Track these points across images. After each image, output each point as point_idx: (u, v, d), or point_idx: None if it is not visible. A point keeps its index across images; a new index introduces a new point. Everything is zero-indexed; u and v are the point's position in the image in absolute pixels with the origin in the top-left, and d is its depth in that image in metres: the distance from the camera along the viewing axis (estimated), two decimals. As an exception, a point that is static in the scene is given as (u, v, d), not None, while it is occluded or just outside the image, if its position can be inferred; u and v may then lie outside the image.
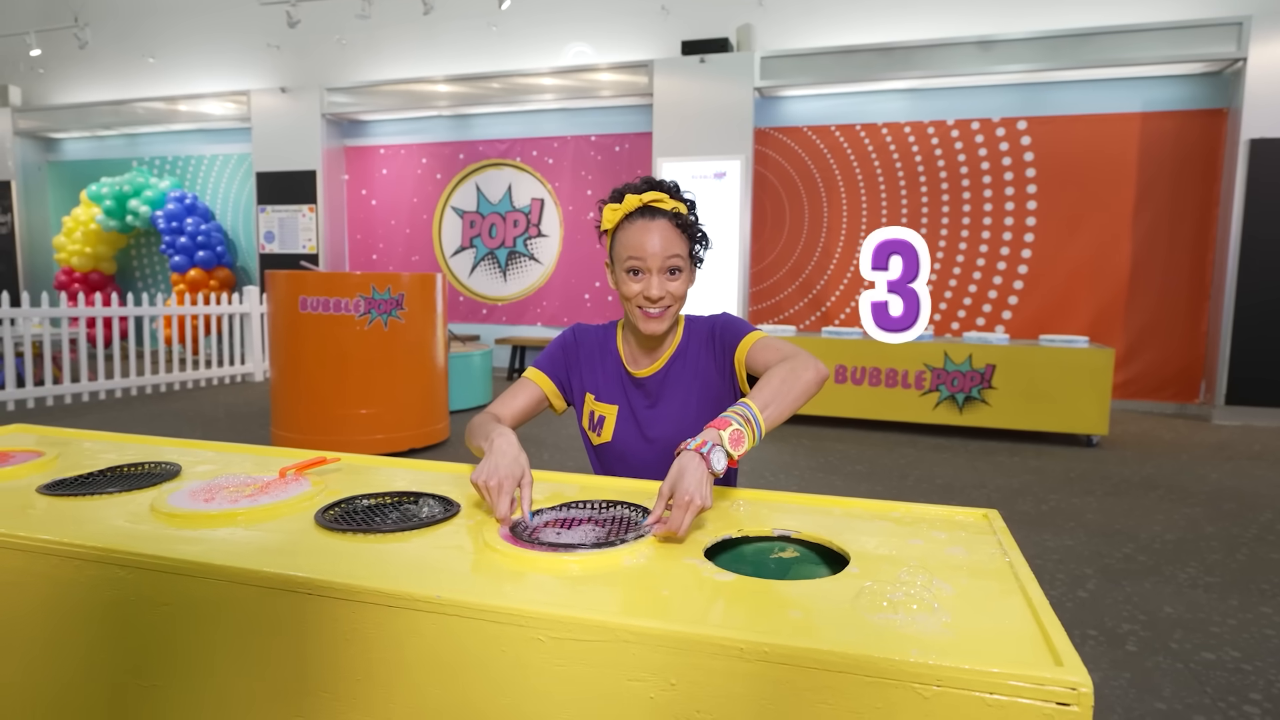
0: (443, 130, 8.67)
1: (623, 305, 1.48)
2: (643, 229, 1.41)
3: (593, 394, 1.54)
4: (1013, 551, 1.02)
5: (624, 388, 1.53)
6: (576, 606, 0.83)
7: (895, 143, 7.06)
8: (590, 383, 1.55)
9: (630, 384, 1.53)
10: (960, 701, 0.69)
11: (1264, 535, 3.35)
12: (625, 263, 1.42)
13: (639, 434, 1.50)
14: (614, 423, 1.52)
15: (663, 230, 1.40)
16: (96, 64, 9.68)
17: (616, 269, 1.46)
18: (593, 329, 1.59)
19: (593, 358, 1.56)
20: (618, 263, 1.45)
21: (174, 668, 0.97)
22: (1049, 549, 3.16)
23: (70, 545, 1.00)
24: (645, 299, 1.41)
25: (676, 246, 1.41)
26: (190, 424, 5.58)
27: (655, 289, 1.40)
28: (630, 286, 1.42)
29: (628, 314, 1.48)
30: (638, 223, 1.42)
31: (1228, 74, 6.23)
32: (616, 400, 1.53)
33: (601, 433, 1.52)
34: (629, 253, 1.41)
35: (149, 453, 1.56)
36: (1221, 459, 4.82)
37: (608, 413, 1.52)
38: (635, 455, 1.50)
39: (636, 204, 1.42)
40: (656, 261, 1.40)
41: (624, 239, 1.43)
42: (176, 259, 8.96)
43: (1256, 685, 2.09)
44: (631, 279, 1.42)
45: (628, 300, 1.44)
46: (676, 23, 7.48)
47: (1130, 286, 6.57)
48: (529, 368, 1.57)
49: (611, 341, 1.56)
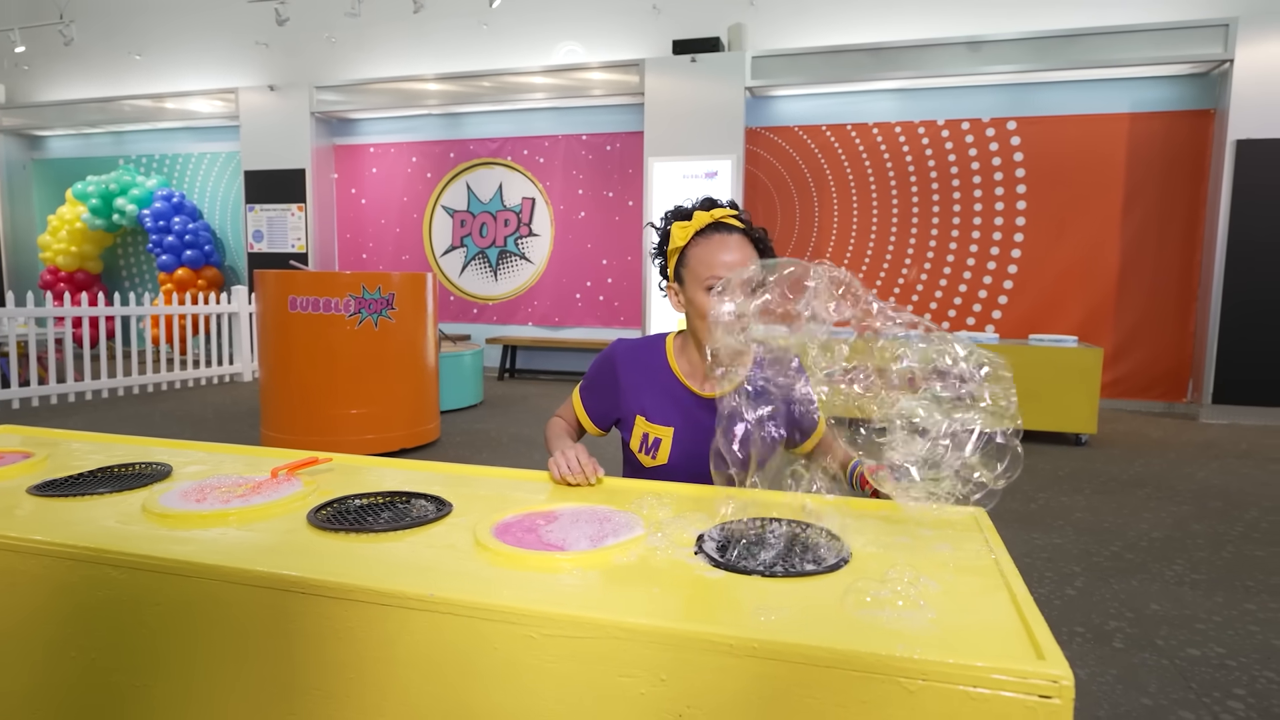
0: (433, 129, 8.65)
1: (694, 326, 1.43)
2: (721, 244, 1.38)
3: (643, 416, 1.48)
4: (998, 549, 1.04)
5: (683, 408, 1.47)
6: (568, 604, 0.84)
7: (886, 142, 7.10)
8: (639, 404, 1.48)
9: (694, 404, 1.46)
10: (945, 695, 0.70)
11: (1249, 533, 3.39)
12: (705, 280, 1.37)
13: (698, 456, 1.40)
14: (669, 446, 1.45)
15: (739, 245, 1.39)
16: (82, 61, 9.61)
17: (689, 287, 1.41)
18: (637, 345, 1.53)
19: (640, 377, 1.49)
20: (692, 281, 1.40)
21: (167, 667, 0.97)
22: (1038, 547, 3.19)
23: (62, 546, 1.00)
24: None
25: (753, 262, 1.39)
26: (178, 424, 5.55)
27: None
28: (712, 304, 1.35)
29: (702, 334, 1.41)
30: (714, 238, 1.39)
31: (1214, 75, 6.29)
32: (672, 421, 1.46)
33: (656, 455, 1.46)
34: (709, 270, 1.37)
35: (139, 453, 1.56)
36: (1208, 457, 4.87)
37: (663, 435, 1.46)
38: (692, 478, 1.41)
39: (708, 219, 1.40)
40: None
41: (700, 255, 1.39)
42: (164, 258, 8.90)
43: (1240, 681, 2.11)
44: (713, 297, 1.36)
45: (704, 320, 1.37)
46: (667, 22, 7.49)
47: (1119, 286, 6.62)
48: (575, 393, 1.55)
49: (661, 358, 1.50)
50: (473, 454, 4.76)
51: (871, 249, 7.21)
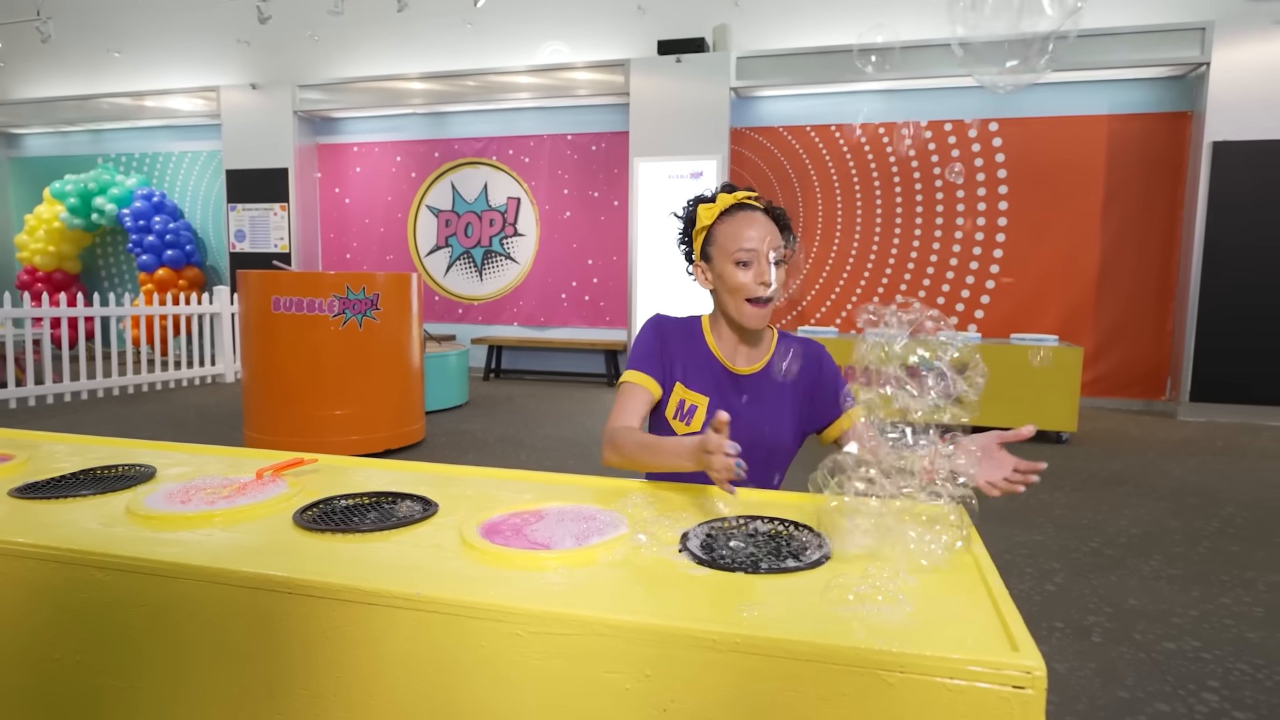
0: (418, 128, 8.62)
1: (724, 301, 1.50)
2: (748, 220, 1.45)
3: (682, 383, 1.53)
4: (976, 544, 1.06)
5: (718, 381, 1.53)
6: (554, 602, 0.85)
7: (870, 143, 7.15)
8: (679, 371, 1.54)
9: (727, 379, 1.53)
10: (923, 687, 0.71)
11: (1225, 528, 3.45)
12: (734, 254, 1.44)
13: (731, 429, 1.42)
14: (704, 414, 1.51)
15: (764, 222, 1.46)
16: (60, 58, 9.48)
17: (717, 263, 1.48)
18: (675, 320, 1.59)
19: (681, 346, 1.55)
20: (720, 257, 1.47)
21: (152, 668, 0.97)
22: (1018, 544, 3.23)
23: (45, 548, 1.00)
24: (760, 284, 1.43)
25: (777, 238, 1.47)
26: (160, 426, 5.50)
27: (768, 274, 1.44)
28: (738, 277, 1.44)
29: (731, 309, 1.49)
30: (739, 215, 1.46)
31: (1191, 78, 6.39)
32: (708, 392, 1.52)
33: (691, 423, 1.51)
34: (738, 244, 1.44)
35: (122, 455, 1.55)
36: (1186, 454, 4.95)
37: (699, 403, 1.52)
38: None
39: (731, 200, 1.48)
40: (766, 248, 1.44)
41: (729, 231, 1.46)
42: (144, 258, 8.81)
43: (1215, 673, 2.15)
44: (740, 270, 1.44)
45: (734, 293, 1.46)
46: (653, 22, 7.50)
47: (1099, 286, 6.71)
48: (627, 372, 1.53)
49: (698, 334, 1.56)
50: (458, 454, 4.75)
51: (856, 249, 7.26)
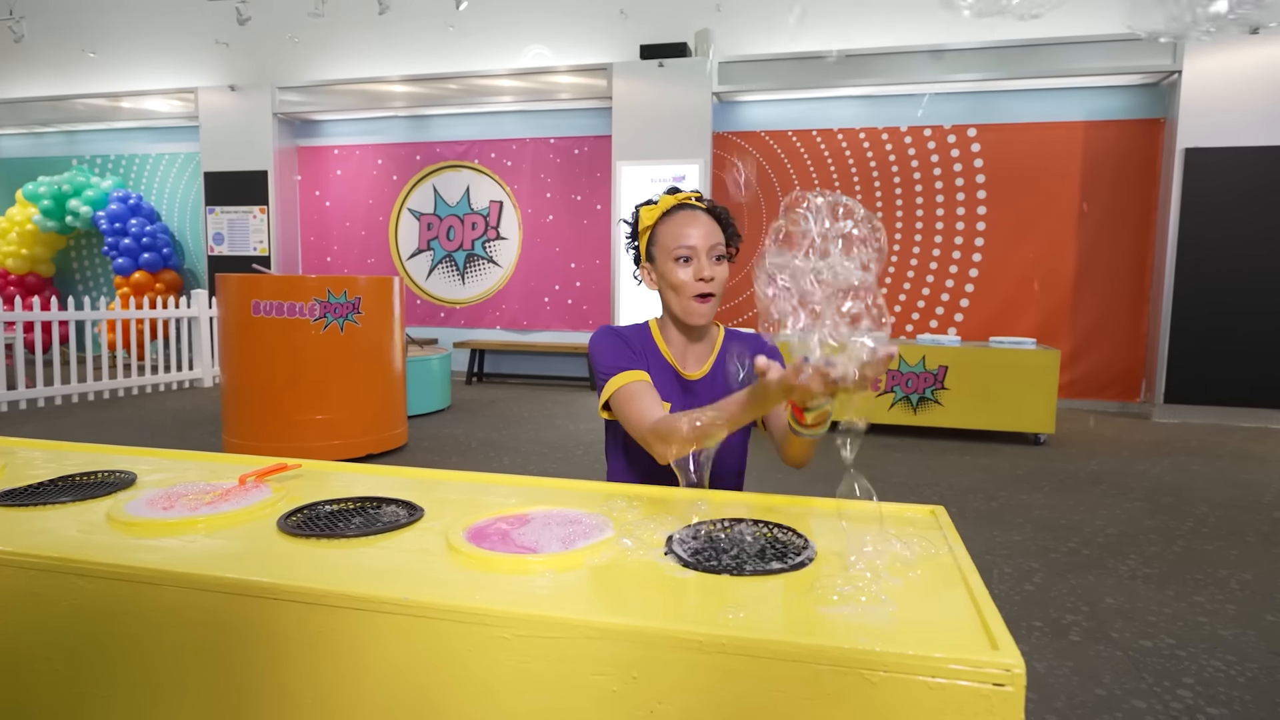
0: (399, 131, 8.58)
1: (668, 300, 1.53)
2: (689, 219, 1.49)
3: None
4: (957, 545, 1.08)
5: (672, 388, 1.55)
6: (541, 605, 0.85)
7: (850, 148, 7.21)
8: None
9: (679, 386, 1.56)
10: (905, 685, 0.73)
11: (1198, 528, 3.51)
12: (675, 251, 1.48)
13: None
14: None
15: (704, 220, 1.50)
16: (33, 58, 9.34)
17: (660, 262, 1.51)
18: (625, 328, 1.59)
19: (641, 352, 1.56)
20: (662, 256, 1.50)
21: (136, 677, 0.96)
22: (998, 544, 3.27)
23: (25, 556, 0.99)
24: (699, 280, 1.47)
25: (718, 235, 1.50)
26: (136, 432, 5.42)
27: (707, 269, 1.47)
28: (681, 274, 1.48)
29: (675, 307, 1.52)
30: (681, 214, 1.50)
31: (1164, 85, 6.51)
32: (667, 398, 1.54)
33: None
34: (678, 242, 1.48)
35: (101, 461, 1.54)
36: (1160, 455, 5.03)
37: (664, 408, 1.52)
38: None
39: (673, 201, 1.52)
40: (705, 244, 1.47)
41: (670, 230, 1.50)
42: (120, 261, 8.69)
43: (1190, 670, 2.19)
44: (681, 267, 1.48)
45: (677, 290, 1.49)
46: (635, 26, 7.53)
47: (1075, 290, 6.81)
48: (617, 375, 1.48)
49: (650, 340, 1.59)
50: (441, 459, 4.73)
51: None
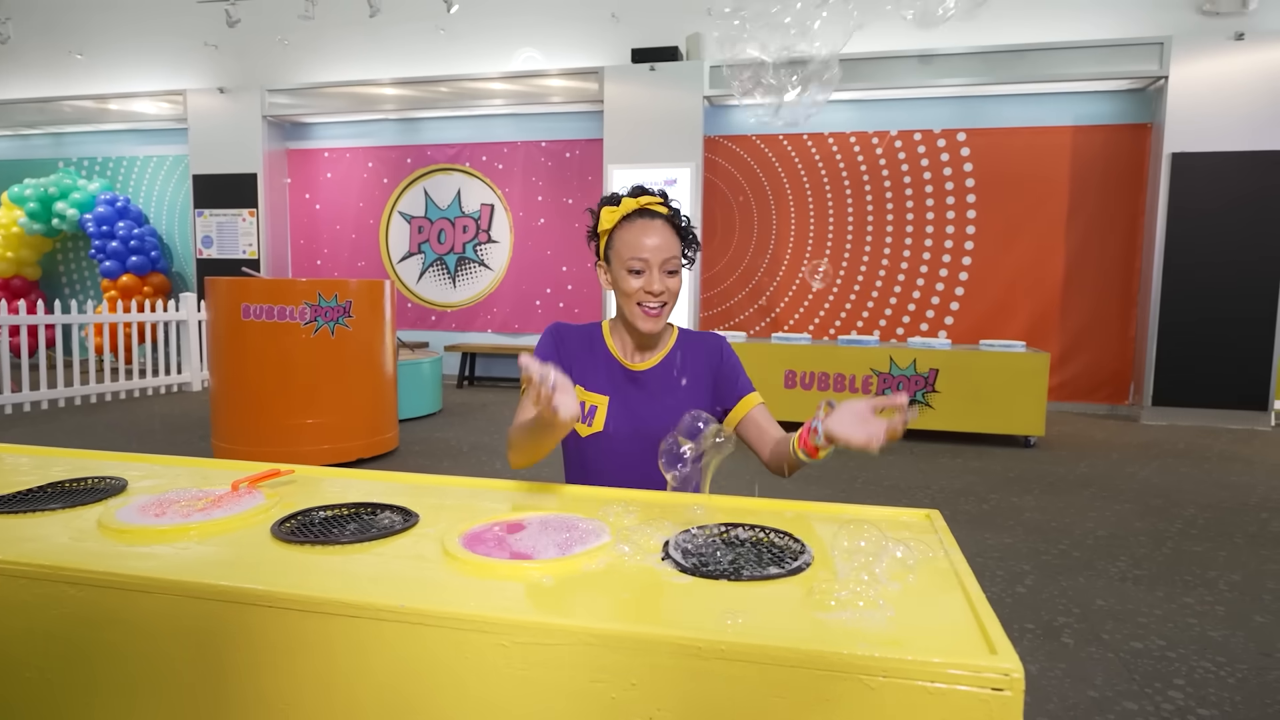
0: (390, 134, 8.55)
1: (620, 303, 1.54)
2: (643, 229, 1.49)
3: (581, 385, 1.57)
4: (952, 549, 1.08)
5: (615, 380, 1.58)
6: (538, 611, 0.85)
7: (841, 152, 7.24)
8: (579, 375, 1.57)
9: (624, 377, 1.58)
10: (904, 690, 0.73)
11: (1187, 530, 3.54)
12: (626, 262, 1.48)
13: (631, 425, 1.54)
14: (604, 413, 1.55)
15: (661, 231, 1.50)
16: (19, 59, 9.27)
17: (614, 268, 1.52)
18: (574, 326, 1.63)
19: (579, 351, 1.60)
20: (616, 262, 1.51)
21: (128, 685, 0.95)
22: (989, 547, 3.28)
23: (14, 564, 0.98)
24: (647, 293, 1.48)
25: (673, 247, 1.51)
26: (124, 436, 5.38)
27: (657, 284, 1.48)
28: (631, 284, 1.49)
29: (625, 312, 1.54)
30: (637, 223, 1.50)
31: (1151, 91, 6.57)
32: (607, 391, 1.57)
33: (593, 422, 1.56)
34: (631, 252, 1.48)
35: (89, 467, 1.52)
36: (1149, 457, 5.07)
37: (599, 403, 1.56)
38: (625, 445, 1.54)
39: (634, 206, 1.51)
40: (658, 258, 1.48)
41: (625, 238, 1.50)
42: (107, 264, 8.62)
43: (1180, 671, 2.21)
44: (632, 277, 1.49)
45: (627, 297, 1.50)
46: (627, 30, 7.54)
47: (1064, 293, 6.86)
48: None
49: (598, 337, 1.62)
50: (433, 463, 4.71)
51: (828, 256, 7.34)
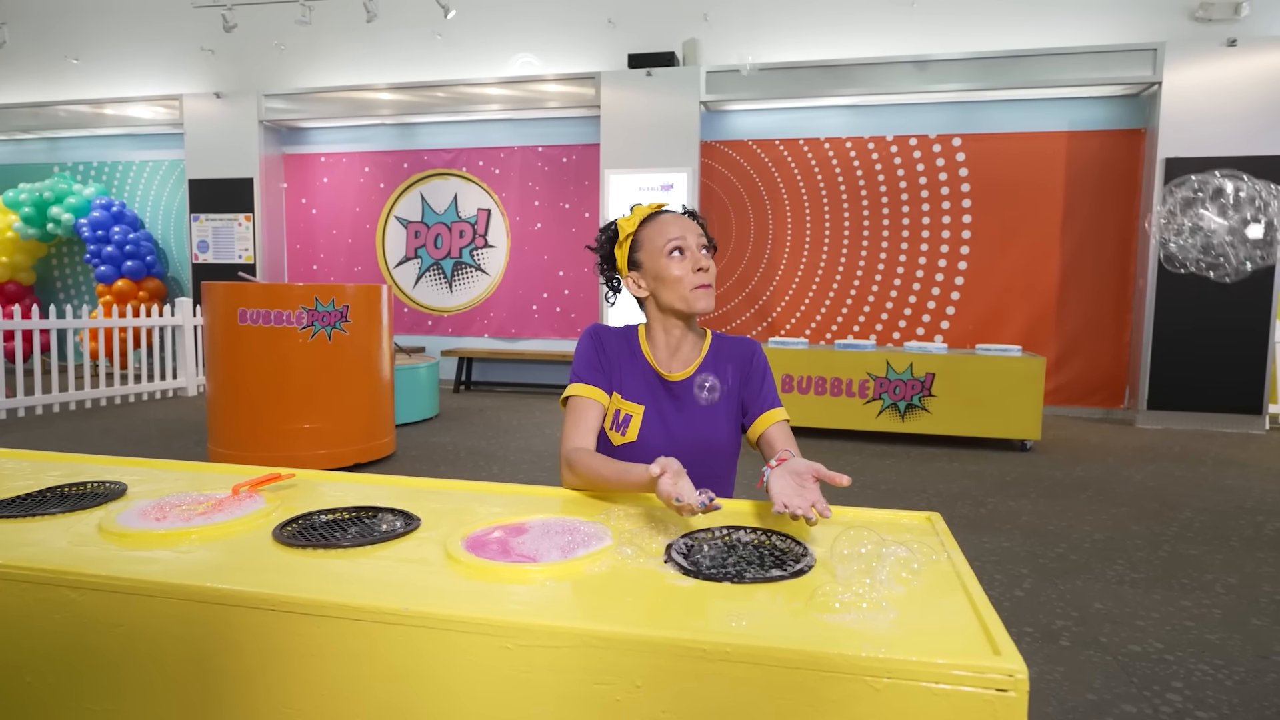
0: (386, 139, 8.56)
1: (666, 297, 1.50)
2: (669, 219, 1.51)
3: (620, 393, 1.55)
4: (954, 551, 1.08)
5: (652, 389, 1.55)
6: (542, 614, 0.85)
7: (837, 157, 7.26)
8: (618, 382, 1.55)
9: (660, 386, 1.55)
10: (909, 692, 0.73)
11: (1183, 532, 3.55)
12: (663, 247, 1.48)
13: (665, 436, 1.52)
14: (639, 423, 1.53)
15: (688, 220, 1.52)
16: (14, 64, 9.24)
17: (650, 263, 1.51)
18: (613, 330, 1.60)
19: (620, 357, 1.57)
20: (651, 255, 1.50)
21: (130, 689, 0.95)
22: (987, 550, 3.29)
23: (15, 568, 0.97)
24: (698, 270, 1.47)
25: (700, 233, 1.52)
26: (119, 442, 5.35)
27: (704, 259, 1.48)
28: (674, 269, 1.48)
29: (676, 300, 1.50)
30: (661, 218, 1.52)
31: (1144, 96, 6.61)
32: (643, 400, 1.54)
33: (626, 432, 1.53)
34: (668, 237, 1.48)
35: (87, 472, 1.52)
36: (1145, 461, 5.08)
37: (634, 412, 1.54)
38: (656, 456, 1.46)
39: (653, 208, 1.54)
40: (695, 237, 1.49)
41: (657, 230, 1.50)
42: (102, 269, 8.60)
43: (1178, 674, 2.21)
44: (674, 263, 1.48)
45: (676, 283, 1.48)
46: (623, 36, 7.56)
47: (1059, 298, 6.88)
48: (571, 385, 1.53)
49: (635, 344, 1.59)
50: (430, 468, 4.70)
51: (824, 261, 7.36)
